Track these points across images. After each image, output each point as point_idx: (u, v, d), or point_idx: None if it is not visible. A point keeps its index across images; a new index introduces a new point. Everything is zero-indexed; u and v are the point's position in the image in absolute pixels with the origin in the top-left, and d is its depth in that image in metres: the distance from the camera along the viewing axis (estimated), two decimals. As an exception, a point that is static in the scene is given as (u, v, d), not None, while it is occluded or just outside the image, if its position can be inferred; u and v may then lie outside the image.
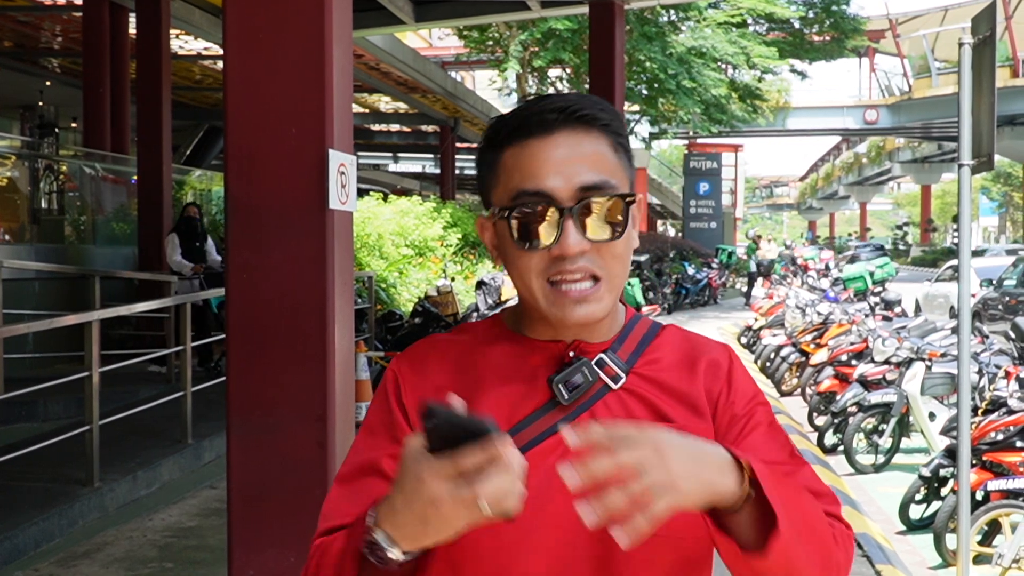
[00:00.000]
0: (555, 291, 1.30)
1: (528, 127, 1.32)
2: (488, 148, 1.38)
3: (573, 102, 1.33)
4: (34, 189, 13.27)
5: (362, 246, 15.33)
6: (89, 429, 6.62)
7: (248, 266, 3.44)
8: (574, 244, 1.28)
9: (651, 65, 21.13)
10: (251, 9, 3.45)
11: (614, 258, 1.32)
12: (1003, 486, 5.93)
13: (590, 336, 1.38)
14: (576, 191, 1.29)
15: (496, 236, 1.37)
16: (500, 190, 1.34)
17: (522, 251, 1.31)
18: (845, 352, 10.48)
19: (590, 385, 1.34)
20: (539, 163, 1.30)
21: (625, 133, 1.39)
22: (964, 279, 5.26)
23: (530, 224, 1.30)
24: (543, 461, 1.28)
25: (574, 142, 1.31)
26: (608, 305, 1.33)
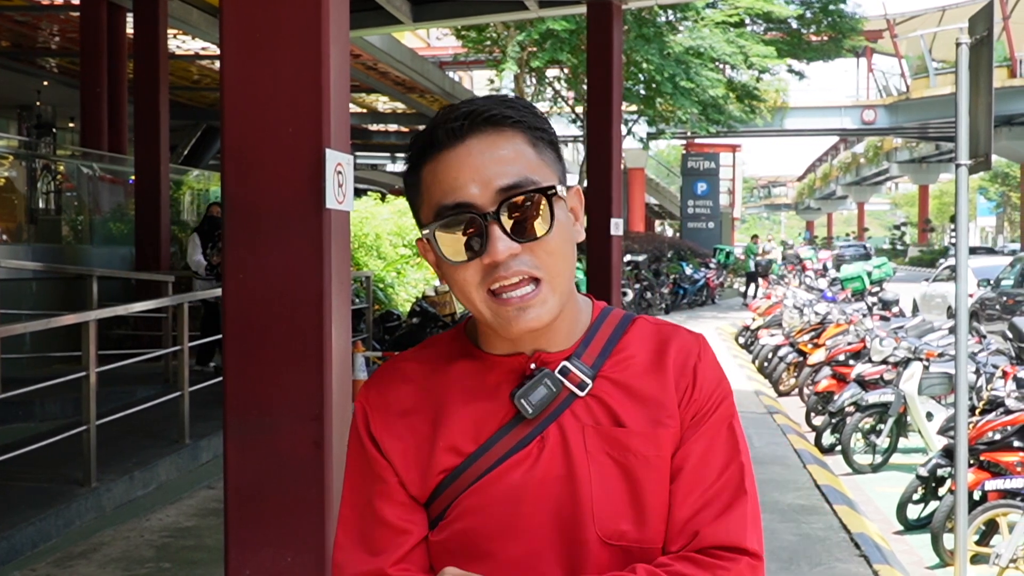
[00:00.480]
0: (497, 301, 1.27)
1: (439, 140, 1.29)
2: (410, 170, 1.35)
3: (478, 105, 1.30)
4: (31, 189, 13.25)
5: (360, 246, 15.32)
6: (86, 429, 6.61)
7: (245, 265, 3.44)
8: (502, 249, 1.24)
9: (648, 66, 21.12)
10: (248, 8, 3.44)
11: (549, 255, 1.27)
12: (1000, 486, 5.93)
13: (549, 344, 1.34)
14: (495, 195, 1.25)
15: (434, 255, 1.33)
16: (425, 209, 1.31)
17: (455, 266, 1.28)
18: (843, 352, 10.48)
19: (555, 396, 1.31)
20: (454, 174, 1.27)
21: (544, 126, 1.33)
22: (961, 279, 5.26)
23: (455, 236, 1.27)
24: (510, 475, 1.30)
25: (485, 146, 1.28)
26: (555, 307, 1.28)
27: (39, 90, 20.50)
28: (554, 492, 1.28)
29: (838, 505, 7.02)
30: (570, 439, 1.30)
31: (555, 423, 1.31)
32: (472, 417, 1.33)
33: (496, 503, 1.29)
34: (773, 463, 8.34)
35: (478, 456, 1.30)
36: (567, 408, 1.31)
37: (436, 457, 1.32)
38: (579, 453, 1.29)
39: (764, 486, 7.52)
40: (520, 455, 1.30)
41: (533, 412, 1.30)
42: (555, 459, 1.29)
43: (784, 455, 8.69)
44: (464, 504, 1.30)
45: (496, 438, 1.31)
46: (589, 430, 1.31)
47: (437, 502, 1.32)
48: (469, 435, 1.31)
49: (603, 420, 1.31)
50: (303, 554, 3.40)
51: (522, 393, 1.30)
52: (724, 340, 18.31)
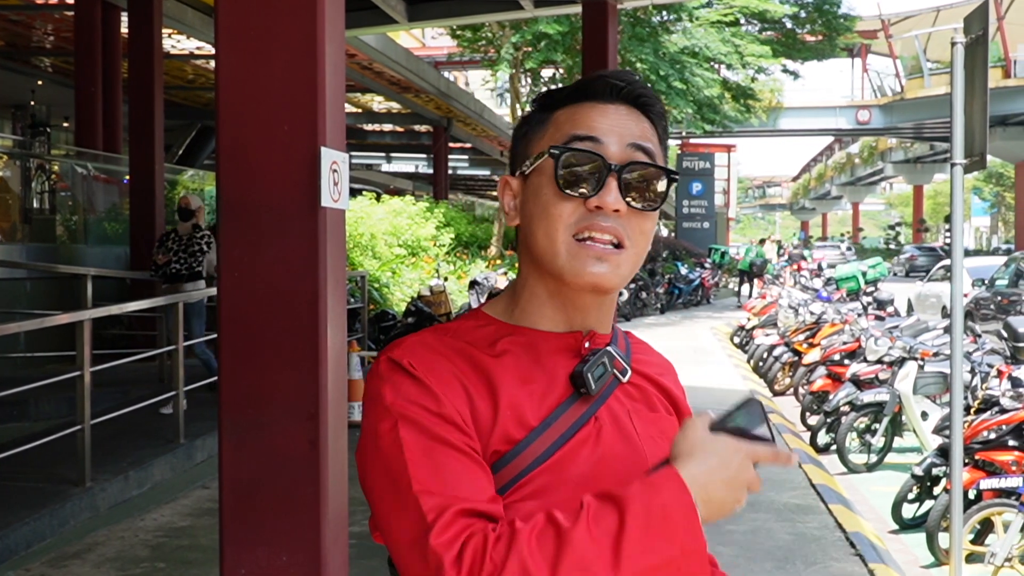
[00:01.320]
0: (579, 245, 1.27)
1: (588, 92, 1.33)
2: (538, 110, 1.37)
3: (639, 82, 1.34)
4: (26, 189, 13.24)
5: (355, 246, 15.33)
6: (80, 429, 6.60)
7: (240, 264, 3.43)
8: (613, 201, 1.27)
9: (642, 66, 21.14)
10: (244, 7, 3.44)
11: (642, 233, 1.31)
12: (995, 485, 5.94)
13: (599, 325, 1.36)
14: (626, 150, 1.29)
15: (524, 190, 1.34)
16: (546, 140, 1.32)
17: (559, 197, 1.28)
18: (838, 352, 10.50)
19: (608, 377, 1.33)
20: (596, 118, 1.31)
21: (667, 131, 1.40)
22: (956, 279, 5.27)
23: (576, 168, 1.28)
24: (578, 453, 1.28)
25: (628, 115, 1.32)
26: (624, 277, 1.30)
27: (33, 90, 20.48)
28: (620, 469, 1.28)
29: (833, 504, 7.03)
30: (621, 421, 1.33)
31: (604, 405, 1.33)
32: (531, 392, 1.29)
33: (568, 481, 1.26)
34: (768, 462, 8.33)
35: (542, 431, 1.27)
36: (612, 392, 1.34)
37: (498, 427, 1.24)
38: (632, 433, 1.33)
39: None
40: (583, 433, 1.29)
41: (596, 389, 1.30)
42: (614, 440, 1.31)
43: (779, 454, 8.69)
44: (536, 481, 1.25)
45: (557, 413, 1.29)
46: (634, 414, 1.35)
47: (497, 476, 1.24)
48: (530, 409, 1.27)
49: (640, 405, 1.37)
50: (299, 553, 3.40)
51: (588, 368, 1.30)
52: (719, 340, 18.32)
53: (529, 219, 1.32)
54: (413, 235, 17.29)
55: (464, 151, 36.81)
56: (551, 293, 1.33)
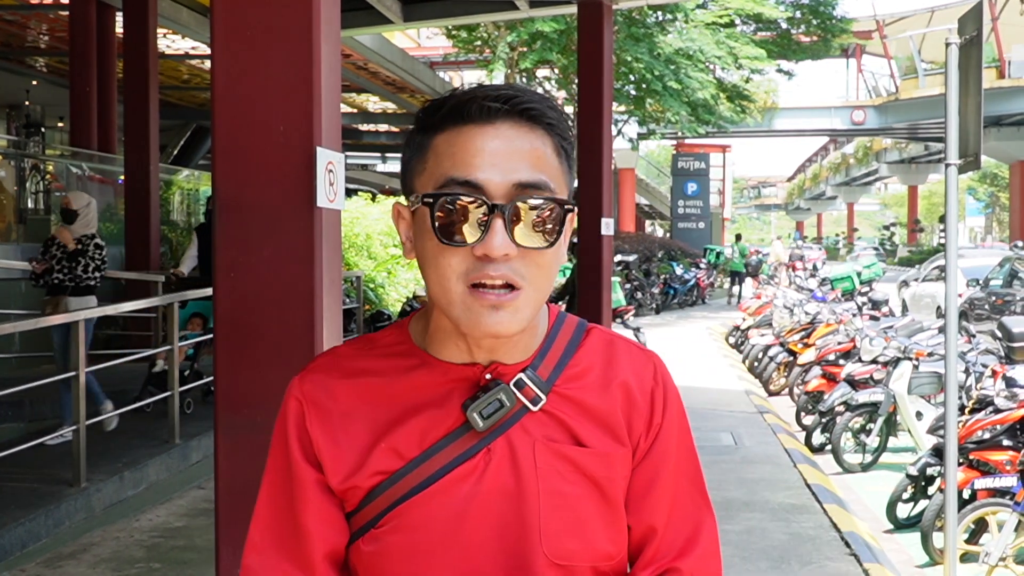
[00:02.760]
0: (473, 294, 1.17)
1: (467, 112, 1.20)
2: (418, 130, 1.25)
3: (520, 93, 1.21)
4: (21, 189, 13.22)
5: (350, 246, 15.31)
6: (76, 429, 6.59)
7: (235, 264, 3.43)
8: (499, 246, 1.15)
9: (638, 66, 21.14)
10: (239, 7, 3.44)
11: (539, 268, 1.19)
12: (990, 484, 5.95)
13: (507, 356, 1.26)
14: (511, 188, 1.17)
15: (413, 227, 1.24)
16: (426, 176, 1.21)
17: (441, 247, 1.18)
18: (833, 352, 10.51)
19: (508, 410, 1.24)
20: (473, 151, 1.18)
21: (570, 138, 1.26)
22: (951, 279, 5.28)
23: (455, 216, 1.17)
24: (458, 488, 1.23)
25: (515, 135, 1.19)
26: (525, 319, 1.19)
27: (28, 89, 20.46)
28: (500, 507, 1.23)
29: (828, 504, 7.04)
30: (519, 453, 1.24)
31: (503, 436, 1.24)
32: (417, 422, 1.25)
33: (439, 516, 1.22)
34: (763, 462, 8.35)
35: (420, 462, 1.23)
36: (517, 422, 1.25)
37: (374, 458, 1.24)
38: (528, 468, 1.23)
39: (755, 485, 7.54)
40: (466, 467, 1.23)
41: (484, 426, 1.23)
42: (502, 473, 1.23)
43: (774, 454, 8.71)
44: (404, 515, 1.23)
45: (441, 445, 1.24)
46: (539, 445, 1.25)
47: (370, 507, 1.25)
48: (413, 440, 1.24)
49: (555, 436, 1.26)
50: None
51: (475, 406, 1.23)
52: (715, 340, 18.35)
53: (421, 261, 1.23)
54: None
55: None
56: (453, 329, 1.24)
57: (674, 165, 40.61)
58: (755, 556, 5.88)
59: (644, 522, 1.29)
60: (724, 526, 6.40)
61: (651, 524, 1.29)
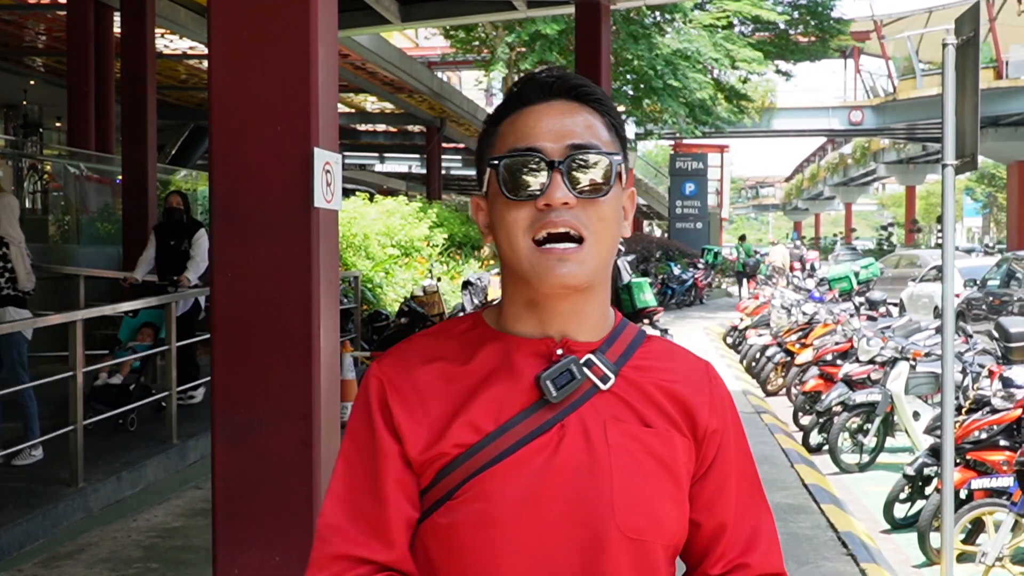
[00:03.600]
0: (539, 250, 1.29)
1: (525, 95, 1.36)
2: (490, 124, 1.40)
3: (570, 75, 1.37)
4: (18, 188, 13.21)
5: (348, 246, 15.32)
6: (73, 429, 6.59)
7: (233, 264, 3.44)
8: (559, 196, 1.28)
9: (639, 63, 21.13)
10: (237, 8, 3.44)
11: (600, 219, 1.31)
12: (986, 485, 5.96)
13: (577, 332, 1.36)
14: (565, 148, 1.31)
15: (488, 210, 1.37)
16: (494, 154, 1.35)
17: (509, 203, 1.31)
18: (830, 352, 10.51)
19: (578, 384, 1.32)
20: (531, 124, 1.33)
21: (619, 118, 1.40)
22: (948, 279, 5.28)
23: (518, 173, 1.31)
24: (533, 460, 1.28)
25: (567, 110, 1.34)
26: (591, 271, 1.31)
27: (26, 89, 20.43)
28: (574, 481, 1.29)
29: (826, 504, 7.04)
30: (591, 430, 1.31)
31: (576, 412, 1.32)
32: (494, 396, 1.32)
33: (515, 487, 1.28)
34: (761, 462, 8.36)
35: (497, 435, 1.29)
36: (588, 400, 1.33)
37: (452, 432, 1.30)
38: (600, 444, 1.31)
39: (752, 485, 7.54)
40: (541, 440, 1.30)
41: (557, 396, 1.30)
42: (576, 448, 1.30)
43: (772, 454, 8.72)
44: (480, 485, 1.28)
45: (517, 420, 1.30)
46: (610, 424, 1.32)
47: (447, 479, 1.30)
48: (490, 414, 1.31)
49: (623, 416, 1.34)
50: (291, 553, 3.40)
51: (547, 375, 1.31)
52: (712, 340, 18.35)
53: (495, 232, 1.35)
54: (406, 235, 17.27)
55: (457, 151, 36.79)
56: (527, 302, 1.35)
57: (672, 165, 40.60)
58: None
59: (715, 519, 1.39)
60: (721, 526, 6.41)
61: (722, 521, 1.39)
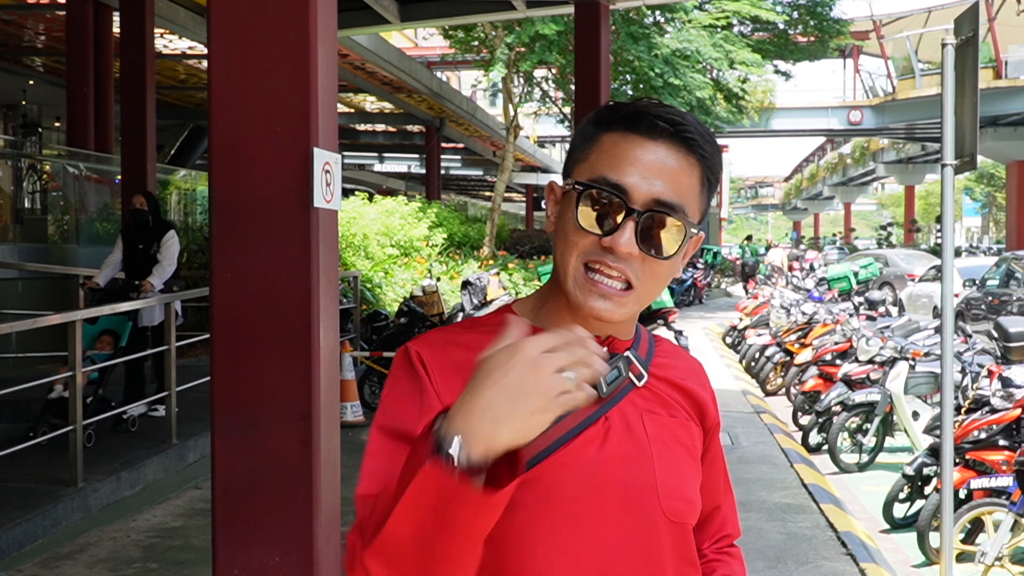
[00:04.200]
0: (587, 277, 1.32)
1: (638, 123, 1.35)
2: (593, 123, 1.40)
3: (685, 121, 1.36)
4: (17, 189, 13.22)
5: (347, 246, 15.32)
6: (73, 429, 6.59)
7: (232, 264, 3.43)
8: (625, 244, 1.30)
9: (639, 64, 21.12)
10: (236, 7, 3.44)
11: (653, 276, 1.34)
12: (986, 484, 5.96)
13: (618, 334, 1.42)
14: (650, 199, 1.31)
15: (560, 205, 1.39)
16: (586, 166, 1.36)
17: (577, 229, 1.33)
18: (829, 352, 10.52)
19: (623, 379, 1.38)
20: (631, 159, 1.33)
21: (718, 172, 1.41)
22: (947, 279, 5.29)
23: (597, 208, 1.32)
24: (585, 451, 1.33)
25: (672, 159, 1.34)
26: (628, 314, 1.36)
27: (25, 89, 20.43)
28: (623, 470, 1.35)
29: (825, 504, 7.05)
30: (632, 423, 1.38)
31: (617, 407, 1.38)
32: None
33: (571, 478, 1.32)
34: (760, 462, 8.36)
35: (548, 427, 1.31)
36: (626, 395, 1.40)
37: None
38: (641, 436, 1.38)
39: (752, 485, 7.54)
40: (589, 433, 1.34)
41: (607, 392, 1.32)
42: (622, 440, 1.36)
43: (771, 454, 8.72)
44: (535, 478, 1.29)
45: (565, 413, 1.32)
46: (646, 416, 1.40)
47: None
48: None
49: (655, 409, 1.42)
50: (291, 553, 3.40)
51: None
52: (711, 340, 18.35)
53: (556, 233, 1.38)
54: (406, 235, 17.28)
55: (457, 151, 36.79)
56: (571, 307, 1.37)
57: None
58: (752, 556, 5.88)
59: (713, 502, 1.54)
60: (721, 526, 6.41)
61: (717, 504, 1.56)
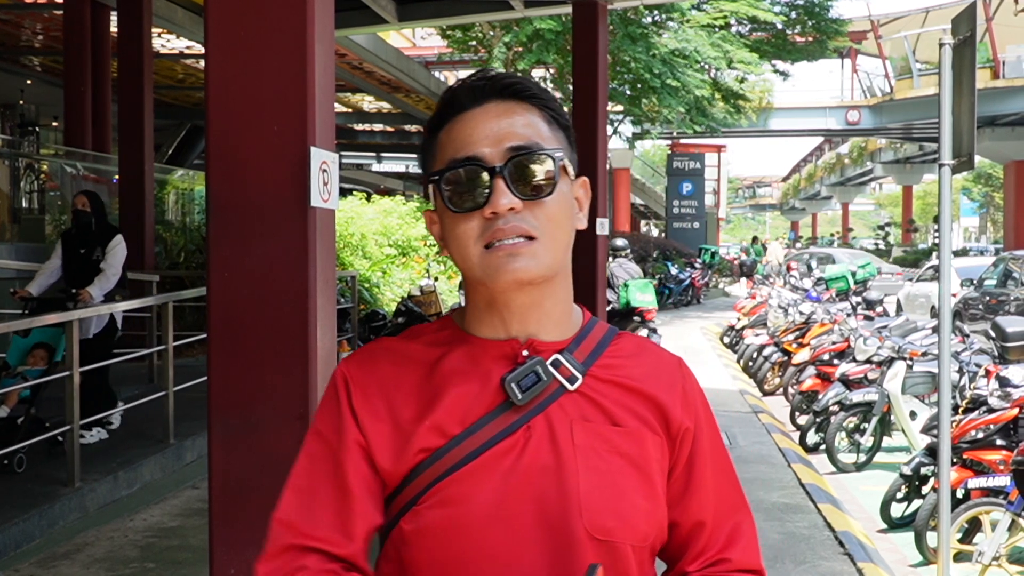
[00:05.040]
0: (490, 252, 1.27)
1: (459, 101, 1.33)
2: (428, 135, 1.37)
3: (501, 74, 1.34)
4: (15, 188, 13.21)
5: (345, 246, 15.30)
6: (70, 429, 6.58)
7: (229, 264, 3.43)
8: (504, 202, 1.26)
9: (636, 65, 21.14)
10: (234, 7, 3.44)
11: (549, 219, 1.29)
12: (983, 484, 5.96)
13: (542, 331, 1.34)
14: (504, 152, 1.28)
15: (438, 223, 1.36)
16: (436, 167, 1.33)
17: (456, 216, 1.29)
18: (827, 351, 10.52)
19: (545, 385, 1.30)
20: (468, 131, 1.30)
21: (561, 110, 1.36)
22: (945, 278, 5.29)
23: (460, 185, 1.29)
24: (499, 463, 1.27)
25: (502, 111, 1.31)
26: (545, 265, 1.29)
27: (22, 89, 20.42)
28: (541, 483, 1.27)
29: (822, 504, 7.05)
30: (557, 431, 1.29)
31: (542, 414, 1.30)
32: (459, 400, 1.30)
33: (481, 491, 1.26)
34: (758, 462, 8.36)
35: (463, 438, 1.28)
36: (555, 401, 1.31)
37: (418, 437, 1.29)
38: (567, 446, 1.29)
39: (749, 485, 7.54)
40: (507, 443, 1.28)
41: (523, 398, 1.29)
42: (542, 450, 1.28)
43: (769, 454, 8.72)
44: (446, 490, 1.27)
45: (483, 422, 1.29)
46: (576, 424, 1.30)
47: (413, 484, 1.29)
48: (455, 417, 1.29)
49: (591, 416, 1.32)
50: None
51: (513, 377, 1.30)
52: (709, 340, 18.35)
53: (448, 245, 1.33)
54: (403, 235, 17.26)
55: (454, 151, 36.79)
56: (487, 303, 1.34)
57: (669, 165, 40.61)
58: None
59: (693, 518, 1.37)
60: (718, 526, 6.41)
61: (699, 520, 1.38)
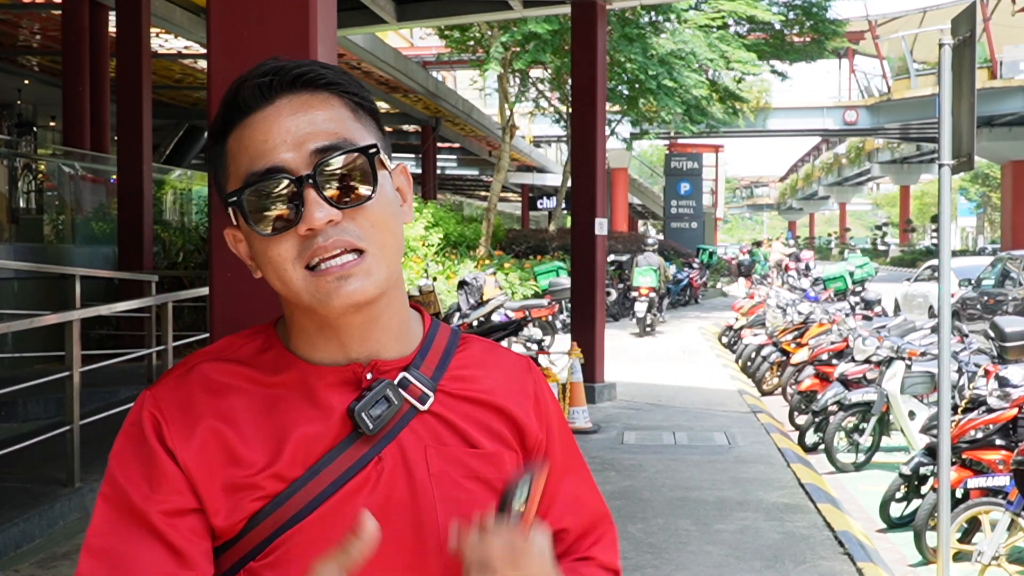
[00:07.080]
0: (315, 275, 1.10)
1: (244, 101, 1.14)
2: (211, 142, 1.19)
3: (288, 62, 1.15)
4: (13, 188, 13.20)
5: (344, 246, 15.30)
6: (70, 429, 6.58)
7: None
8: (320, 216, 1.08)
9: (631, 66, 21.15)
10: (235, 6, 3.44)
11: (373, 225, 1.11)
12: (982, 484, 5.97)
13: (383, 349, 1.19)
14: (310, 157, 1.10)
15: (244, 242, 1.17)
16: (232, 181, 1.14)
17: (268, 240, 1.11)
18: (826, 351, 10.54)
19: (396, 410, 1.15)
20: (262, 137, 1.11)
21: (363, 93, 1.18)
22: (944, 278, 5.30)
23: (266, 205, 1.10)
24: (348, 506, 1.12)
25: (298, 106, 1.13)
26: (380, 281, 1.13)
27: (20, 89, 20.42)
28: (398, 520, 1.14)
29: (822, 504, 7.05)
30: (411, 460, 1.16)
31: (394, 442, 1.16)
32: (298, 436, 1.14)
33: (331, 539, 1.07)
34: (757, 462, 8.37)
35: (306, 481, 1.12)
36: (406, 425, 1.17)
37: (257, 480, 1.12)
38: (422, 475, 1.16)
39: (748, 485, 7.55)
40: (357, 480, 1.13)
41: (374, 428, 1.14)
42: (397, 482, 1.15)
43: (768, 454, 8.72)
44: (296, 537, 1.11)
45: (328, 459, 1.13)
46: (431, 450, 1.17)
47: (253, 533, 1.12)
48: (296, 457, 1.12)
49: (445, 439, 1.19)
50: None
51: (362, 406, 1.14)
52: (708, 340, 18.37)
53: (262, 266, 1.14)
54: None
55: (453, 151, 36.80)
56: (318, 327, 1.17)
57: (667, 165, 40.67)
58: (749, 555, 5.89)
59: (554, 526, 1.24)
60: (718, 526, 6.42)
61: (562, 527, 1.28)
